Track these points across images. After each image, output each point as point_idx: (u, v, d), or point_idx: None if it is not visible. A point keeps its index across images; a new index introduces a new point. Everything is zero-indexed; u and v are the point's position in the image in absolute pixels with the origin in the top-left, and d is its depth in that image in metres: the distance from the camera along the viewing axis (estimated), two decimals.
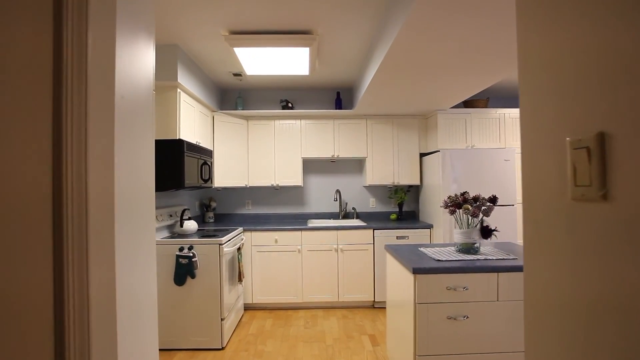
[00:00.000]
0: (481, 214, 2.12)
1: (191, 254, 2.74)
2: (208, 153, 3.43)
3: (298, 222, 4.07)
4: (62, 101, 0.67)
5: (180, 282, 2.76)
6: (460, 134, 3.77)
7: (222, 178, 3.71)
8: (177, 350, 2.80)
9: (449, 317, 1.90)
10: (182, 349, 2.80)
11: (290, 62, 3.02)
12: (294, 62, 3.02)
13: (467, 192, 2.18)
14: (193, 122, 3.14)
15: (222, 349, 2.81)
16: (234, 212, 4.29)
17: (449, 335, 1.90)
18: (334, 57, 3.11)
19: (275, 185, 3.96)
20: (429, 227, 3.72)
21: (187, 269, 2.75)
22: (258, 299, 3.62)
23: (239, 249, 3.26)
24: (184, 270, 2.75)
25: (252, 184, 3.96)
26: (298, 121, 3.97)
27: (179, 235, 3.08)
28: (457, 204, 2.15)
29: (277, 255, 3.63)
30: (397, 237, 3.68)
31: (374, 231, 3.67)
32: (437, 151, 3.66)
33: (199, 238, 2.88)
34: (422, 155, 4.08)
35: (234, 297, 3.18)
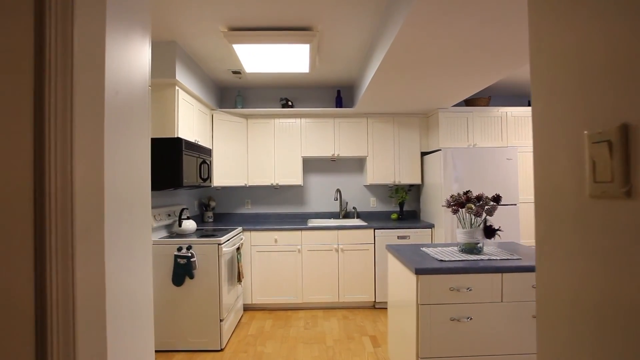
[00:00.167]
0: (484, 213, 2.09)
1: (190, 254, 2.71)
2: (207, 152, 3.40)
3: (298, 221, 4.03)
4: (44, 96, 0.64)
5: (179, 282, 2.73)
6: (461, 133, 3.73)
7: (222, 177, 3.67)
8: (176, 352, 2.76)
9: (452, 319, 1.86)
10: (180, 351, 2.76)
11: (290, 59, 2.98)
12: (294, 59, 2.98)
13: (470, 191, 2.14)
14: (192, 121, 3.10)
15: (221, 350, 2.77)
16: (233, 211, 4.25)
17: (452, 336, 1.87)
18: (335, 54, 3.08)
19: (275, 184, 3.92)
20: (430, 226, 3.69)
21: (186, 269, 2.71)
22: (257, 299, 3.59)
23: (238, 248, 3.22)
24: (182, 271, 2.71)
25: (251, 183, 3.92)
26: (298, 120, 3.93)
27: (177, 235, 3.05)
28: (460, 203, 2.11)
29: (277, 255, 3.59)
30: (398, 237, 3.64)
31: (375, 231, 3.63)
32: (439, 150, 3.63)
33: (197, 238, 2.84)
34: (423, 154, 4.04)
35: (233, 298, 3.15)
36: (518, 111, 3.78)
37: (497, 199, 2.11)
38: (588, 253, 0.56)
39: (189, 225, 3.09)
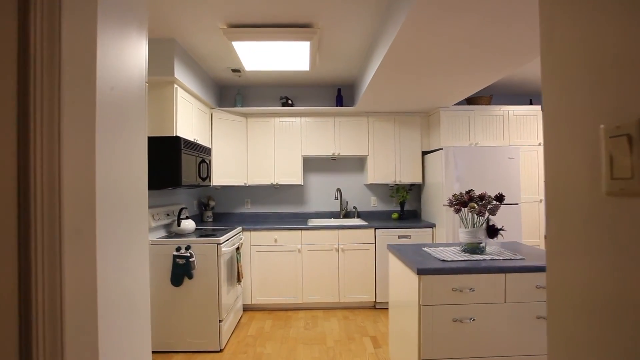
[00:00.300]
0: (487, 213, 2.06)
1: (188, 254, 2.68)
2: (206, 151, 3.37)
3: (298, 221, 4.00)
4: (29, 90, 0.61)
5: (177, 282, 2.70)
6: (463, 132, 3.70)
7: (221, 176, 3.64)
8: (174, 352, 2.73)
9: (454, 320, 1.83)
10: (179, 352, 2.74)
11: (291, 57, 2.95)
12: (294, 57, 2.95)
13: (473, 190, 2.12)
14: (190, 119, 3.07)
15: (221, 351, 2.75)
16: (232, 211, 4.22)
17: (454, 337, 1.84)
18: (335, 52, 3.05)
19: (274, 183, 3.89)
20: (431, 226, 3.66)
21: (185, 270, 2.68)
22: (257, 299, 3.56)
23: (237, 248, 3.20)
24: (181, 271, 2.69)
25: (251, 182, 3.89)
26: (298, 118, 3.90)
27: (176, 234, 3.02)
28: (462, 202, 2.09)
29: (277, 255, 3.57)
30: (399, 237, 3.61)
31: (376, 230, 3.60)
32: (440, 149, 3.60)
33: (196, 237, 2.81)
34: (425, 153, 4.01)
35: (233, 298, 3.12)
36: (520, 110, 3.76)
37: (500, 198, 2.08)
38: (603, 251, 0.54)
39: (188, 225, 3.06)
